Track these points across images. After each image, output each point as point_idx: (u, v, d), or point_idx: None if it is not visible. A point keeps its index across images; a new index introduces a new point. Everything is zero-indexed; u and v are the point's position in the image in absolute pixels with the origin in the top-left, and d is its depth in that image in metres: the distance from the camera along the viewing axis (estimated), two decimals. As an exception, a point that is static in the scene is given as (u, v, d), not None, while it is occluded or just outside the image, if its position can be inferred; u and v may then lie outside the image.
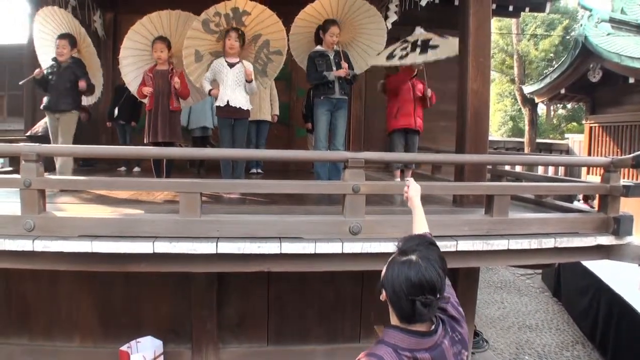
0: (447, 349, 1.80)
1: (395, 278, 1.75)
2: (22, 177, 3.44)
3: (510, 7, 8.34)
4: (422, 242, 1.86)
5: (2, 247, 3.34)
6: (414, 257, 1.76)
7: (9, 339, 5.08)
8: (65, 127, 5.21)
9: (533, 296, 8.32)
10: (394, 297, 1.76)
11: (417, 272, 1.73)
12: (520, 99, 17.67)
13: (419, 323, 1.77)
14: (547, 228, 3.92)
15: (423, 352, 1.75)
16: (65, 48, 5.15)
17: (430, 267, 1.75)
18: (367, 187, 3.62)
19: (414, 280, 1.72)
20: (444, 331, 1.83)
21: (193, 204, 3.46)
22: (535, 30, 22.10)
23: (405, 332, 1.77)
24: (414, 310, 1.72)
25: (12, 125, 11.71)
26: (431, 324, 1.81)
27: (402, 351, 1.74)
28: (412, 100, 5.75)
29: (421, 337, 1.77)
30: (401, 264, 1.76)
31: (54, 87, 5.12)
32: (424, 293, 1.71)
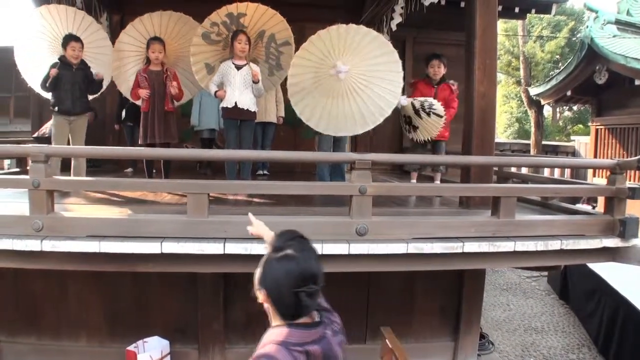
0: (332, 339, 1.84)
1: (276, 275, 1.77)
2: (30, 178, 3.46)
3: (516, 9, 8.30)
4: (293, 237, 1.89)
5: (11, 247, 3.36)
6: (290, 251, 1.79)
7: (17, 337, 5.13)
8: (80, 129, 5.27)
9: (539, 298, 8.29)
10: (276, 295, 1.76)
11: (297, 264, 1.75)
12: (526, 101, 17.62)
13: (300, 318, 1.79)
14: (553, 230, 3.92)
15: (312, 345, 1.77)
16: (81, 51, 5.16)
17: (307, 257, 1.79)
18: (374, 188, 3.62)
19: (295, 272, 1.74)
20: (325, 323, 1.86)
21: (201, 204, 3.48)
22: (541, 31, 22.05)
23: (290, 326, 1.78)
24: (298, 303, 1.74)
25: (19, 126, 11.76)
26: (312, 315, 1.84)
27: (293, 347, 1.74)
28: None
29: (307, 329, 1.79)
30: (279, 260, 1.78)
31: (69, 90, 5.10)
32: (307, 283, 1.74)
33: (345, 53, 4.87)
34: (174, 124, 5.33)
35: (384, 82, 4.86)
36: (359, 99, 4.88)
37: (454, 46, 7.51)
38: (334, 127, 4.98)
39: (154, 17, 5.56)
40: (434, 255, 3.64)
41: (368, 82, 4.87)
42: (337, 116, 4.93)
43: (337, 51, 4.88)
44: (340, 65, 4.82)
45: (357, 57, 4.87)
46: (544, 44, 21.47)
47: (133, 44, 5.57)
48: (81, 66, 5.21)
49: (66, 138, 5.21)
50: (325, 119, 4.96)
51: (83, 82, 5.20)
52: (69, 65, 5.12)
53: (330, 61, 4.90)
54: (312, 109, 4.99)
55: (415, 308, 5.34)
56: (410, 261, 3.68)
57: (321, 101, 4.96)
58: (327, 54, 4.91)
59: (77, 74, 5.15)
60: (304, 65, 4.97)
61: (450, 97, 5.52)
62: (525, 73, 19.02)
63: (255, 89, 5.12)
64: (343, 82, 4.86)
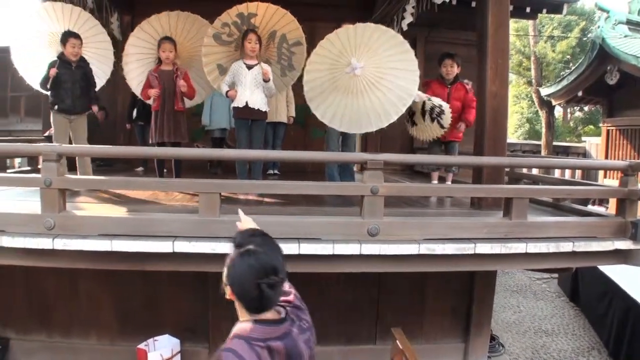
0: (297, 337, 1.88)
1: (239, 270, 1.83)
2: (42, 177, 3.48)
3: (528, 9, 8.26)
4: (255, 234, 1.97)
5: (23, 245, 3.38)
6: (252, 247, 1.85)
7: (28, 335, 5.17)
8: (81, 128, 5.22)
9: (549, 300, 8.24)
10: (240, 289, 1.83)
11: (258, 258, 1.82)
12: (537, 101, 17.53)
13: (267, 311, 1.86)
14: (565, 232, 3.89)
15: (275, 341, 1.81)
16: (80, 48, 5.11)
17: (268, 251, 1.87)
18: (386, 188, 3.61)
19: (256, 265, 1.81)
20: (291, 320, 1.92)
21: (213, 204, 3.48)
22: (552, 31, 21.94)
23: (255, 322, 1.83)
24: (261, 295, 1.80)
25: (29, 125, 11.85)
26: (278, 312, 1.90)
27: (255, 342, 1.79)
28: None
29: (271, 326, 1.84)
30: (241, 256, 1.85)
31: (69, 89, 5.06)
32: (267, 275, 1.79)
33: (359, 50, 4.85)
34: (184, 123, 5.34)
35: (399, 78, 4.83)
36: (379, 93, 4.83)
37: (465, 46, 7.49)
38: (356, 124, 4.94)
39: (164, 17, 5.59)
40: (446, 257, 3.62)
41: (384, 76, 4.84)
42: (358, 113, 4.89)
43: (351, 49, 4.87)
44: (354, 62, 4.81)
45: (372, 53, 4.85)
46: (555, 44, 21.36)
47: (144, 45, 5.61)
48: (81, 64, 5.17)
49: (67, 137, 5.14)
50: (347, 118, 4.93)
51: (83, 80, 5.15)
52: (68, 63, 5.07)
53: (344, 60, 4.89)
54: (333, 111, 4.98)
55: (425, 309, 5.32)
56: (422, 262, 3.66)
57: (340, 101, 4.94)
58: (340, 54, 4.90)
59: (76, 72, 5.11)
60: (319, 70, 4.97)
61: (467, 96, 5.47)
62: (536, 73, 18.91)
63: (266, 88, 5.12)
64: (360, 78, 4.84)
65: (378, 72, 4.84)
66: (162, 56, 5.21)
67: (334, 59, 4.92)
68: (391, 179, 6.35)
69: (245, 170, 5.24)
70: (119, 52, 5.93)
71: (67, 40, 5.02)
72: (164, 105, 5.19)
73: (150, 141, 5.33)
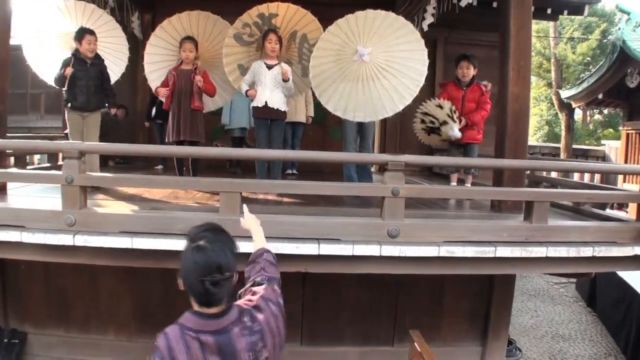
0: (237, 337, 1.90)
1: (186, 264, 1.89)
2: (64, 174, 3.51)
3: (549, 10, 8.17)
4: (209, 228, 2.00)
5: (43, 241, 3.42)
6: (202, 243, 1.90)
7: (45, 330, 5.21)
8: (94, 125, 5.16)
9: (567, 305, 8.16)
10: (187, 283, 1.89)
11: (204, 255, 1.87)
12: (557, 104, 17.34)
13: (214, 306, 1.90)
14: (585, 236, 3.84)
15: (207, 335, 1.86)
16: (96, 44, 5.07)
17: (216, 248, 1.90)
18: (407, 190, 3.59)
19: (201, 262, 1.86)
20: (239, 319, 1.93)
21: (233, 203, 3.48)
22: (572, 33, 21.71)
23: (195, 314, 1.91)
24: (205, 291, 1.86)
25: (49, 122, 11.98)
26: (223, 308, 1.92)
27: (187, 330, 1.87)
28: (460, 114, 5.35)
29: (206, 319, 1.89)
30: (191, 251, 1.90)
31: (83, 87, 5.00)
32: (211, 273, 1.85)
33: (365, 37, 4.84)
34: (201, 122, 5.34)
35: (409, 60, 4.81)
36: (391, 77, 4.82)
37: (486, 47, 7.44)
38: (371, 112, 4.91)
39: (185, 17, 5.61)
40: (466, 259, 3.60)
41: (393, 59, 4.82)
42: (371, 100, 4.87)
43: (355, 38, 4.86)
44: (360, 49, 4.80)
45: (378, 37, 4.83)
46: (575, 45, 21.13)
47: (165, 45, 5.64)
48: (95, 61, 5.12)
49: (81, 134, 5.10)
50: (362, 107, 4.90)
51: (98, 77, 5.10)
52: (83, 60, 5.02)
53: (349, 49, 4.88)
54: (345, 102, 4.96)
55: (444, 312, 5.28)
56: (442, 264, 3.64)
57: (351, 90, 4.92)
58: (345, 43, 4.88)
59: (91, 70, 5.06)
60: (325, 56, 4.95)
61: (481, 98, 5.36)
62: (556, 75, 18.69)
63: (285, 88, 5.12)
64: (369, 64, 4.82)
65: (387, 55, 4.82)
66: (182, 55, 5.21)
67: (342, 45, 4.90)
68: (409, 180, 6.32)
69: (264, 169, 5.25)
70: (139, 51, 5.97)
71: (83, 36, 4.97)
72: (180, 104, 5.19)
73: (167, 140, 5.35)
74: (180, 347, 1.86)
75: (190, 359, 1.86)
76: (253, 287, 2.20)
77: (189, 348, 1.86)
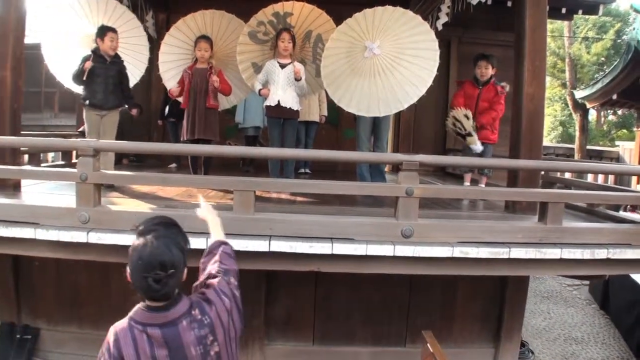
0: (184, 330, 1.93)
1: (132, 259, 1.93)
2: (78, 171, 3.53)
3: (564, 10, 8.14)
4: (161, 222, 2.03)
5: (57, 238, 3.44)
6: (149, 238, 1.93)
7: (58, 326, 5.24)
8: (111, 124, 5.07)
9: (579, 308, 8.08)
10: (132, 277, 1.93)
11: (148, 251, 1.90)
12: (571, 104, 17.16)
13: (159, 301, 1.94)
14: (600, 238, 3.80)
15: (154, 328, 1.90)
16: (118, 42, 4.98)
17: (162, 245, 1.92)
18: (421, 190, 3.58)
19: (144, 259, 1.89)
20: (188, 312, 1.97)
21: (247, 202, 3.50)
22: (586, 33, 21.51)
23: (143, 307, 1.95)
24: (148, 287, 1.89)
25: (63, 120, 12.11)
26: (169, 301, 1.94)
27: (135, 324, 1.92)
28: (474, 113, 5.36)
29: (153, 312, 1.93)
30: (137, 246, 1.93)
31: (102, 84, 4.90)
32: (154, 269, 1.87)
33: (374, 32, 4.84)
34: (216, 121, 5.35)
35: (421, 50, 4.79)
36: (402, 68, 4.81)
37: (500, 47, 7.38)
38: (385, 105, 4.89)
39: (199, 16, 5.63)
40: (480, 260, 3.58)
41: (405, 50, 4.81)
42: (384, 94, 4.86)
43: (365, 33, 4.87)
44: (369, 44, 4.81)
45: (387, 31, 4.83)
46: (589, 45, 20.93)
47: (180, 44, 5.66)
48: (115, 60, 5.03)
49: (98, 132, 5.00)
50: (375, 102, 4.88)
51: (116, 76, 5.01)
52: (103, 58, 4.92)
53: (360, 45, 4.89)
54: (350, 95, 4.96)
55: (456, 313, 5.25)
56: (455, 265, 3.62)
57: (364, 86, 4.92)
58: (356, 37, 4.89)
59: (110, 68, 4.96)
60: (336, 54, 4.97)
61: (495, 98, 5.35)
62: (570, 75, 18.47)
63: (298, 87, 5.13)
64: (380, 57, 4.83)
65: (397, 46, 4.83)
66: (198, 55, 5.23)
67: (350, 47, 4.92)
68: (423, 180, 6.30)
69: (277, 168, 5.26)
70: (154, 50, 5.99)
71: (105, 34, 4.87)
72: (195, 102, 5.21)
73: (182, 138, 5.36)
74: (127, 341, 1.91)
75: (138, 352, 1.90)
76: (207, 280, 2.21)
77: (136, 341, 1.90)
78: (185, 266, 2.02)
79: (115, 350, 1.92)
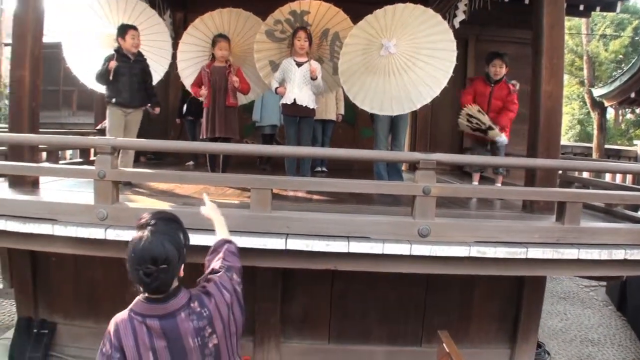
0: (182, 321, 1.97)
1: (128, 252, 1.99)
2: (96, 169, 3.58)
3: (581, 7, 8.05)
4: (161, 217, 2.06)
5: (75, 234, 3.49)
6: (146, 232, 1.98)
7: (76, 320, 5.31)
8: (135, 123, 5.11)
9: (596, 309, 8.00)
10: (129, 269, 1.99)
11: (141, 245, 1.95)
12: (589, 102, 16.91)
13: (153, 293, 1.99)
14: (617, 239, 3.75)
15: (153, 319, 1.96)
16: (139, 39, 4.98)
17: (156, 240, 1.96)
18: (438, 189, 3.57)
19: (137, 253, 1.95)
20: (187, 304, 2.01)
21: (264, 199, 3.51)
22: (604, 30, 21.27)
23: (143, 299, 2.01)
24: (140, 280, 1.95)
25: (81, 118, 12.21)
26: (167, 294, 1.99)
27: (135, 315, 1.98)
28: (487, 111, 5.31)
29: (152, 303, 1.98)
30: (133, 239, 2.00)
31: (127, 83, 4.90)
32: (146, 263, 1.92)
33: (390, 30, 4.82)
34: (235, 119, 5.37)
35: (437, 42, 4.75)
36: (421, 63, 4.78)
37: (517, 44, 7.36)
38: (407, 101, 4.86)
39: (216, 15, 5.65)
40: (497, 260, 3.56)
41: (422, 45, 4.77)
42: (405, 90, 4.83)
43: (382, 31, 4.84)
44: (385, 42, 4.80)
45: (403, 29, 4.80)
46: (607, 43, 20.69)
47: (198, 43, 5.68)
48: (138, 58, 5.05)
49: (122, 131, 5.00)
50: (396, 99, 4.86)
51: (141, 74, 5.03)
52: (126, 56, 4.93)
53: (376, 43, 4.87)
54: (365, 92, 4.95)
55: (473, 313, 5.23)
56: (472, 265, 3.60)
57: (373, 82, 4.91)
58: (374, 35, 4.87)
59: (134, 66, 4.97)
60: (353, 51, 4.95)
61: (508, 97, 5.30)
62: (588, 73, 18.24)
63: (314, 86, 5.13)
64: (397, 55, 4.81)
65: (414, 45, 4.79)
66: (218, 54, 5.23)
67: (367, 44, 4.91)
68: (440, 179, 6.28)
69: (294, 166, 5.27)
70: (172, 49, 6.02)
71: (127, 32, 4.87)
72: (215, 101, 5.23)
73: (202, 137, 5.39)
74: (127, 332, 1.97)
75: (137, 342, 1.95)
76: (209, 275, 2.25)
77: (135, 332, 1.96)
78: (182, 262, 2.06)
79: (116, 340, 1.98)
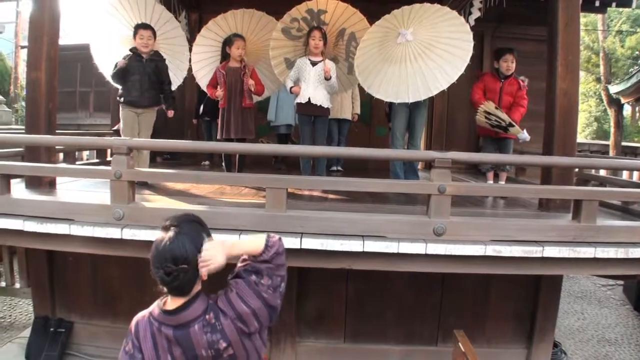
0: (196, 334, 1.97)
1: (151, 252, 2.03)
2: (112, 169, 3.62)
3: (597, 2, 7.96)
4: (185, 220, 2.09)
5: (92, 234, 3.53)
6: (169, 233, 2.02)
7: (93, 320, 5.36)
8: (147, 123, 5.10)
9: (613, 308, 7.91)
10: (152, 268, 2.02)
11: (163, 245, 1.99)
12: (606, 100, 16.71)
13: (174, 295, 2.03)
14: (634, 237, 3.70)
15: (168, 328, 1.99)
16: (150, 39, 4.97)
17: (177, 240, 2.00)
18: (454, 188, 3.55)
19: (159, 252, 1.99)
20: (202, 315, 2.01)
21: (279, 199, 3.53)
22: (620, 26, 20.98)
23: (160, 308, 2.04)
24: (161, 280, 1.99)
25: (98, 119, 12.35)
26: (183, 301, 2.00)
27: (153, 320, 2.03)
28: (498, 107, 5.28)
29: (166, 314, 2.01)
30: (157, 240, 2.04)
31: (137, 82, 4.92)
32: (166, 262, 1.96)
33: (408, 22, 4.86)
34: (251, 119, 5.39)
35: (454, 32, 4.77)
36: (439, 51, 4.78)
37: (533, 41, 7.31)
38: (424, 88, 4.83)
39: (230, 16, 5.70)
40: (513, 259, 3.52)
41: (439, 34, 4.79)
42: (423, 76, 4.82)
43: (400, 23, 4.89)
44: (402, 31, 4.83)
45: (421, 20, 4.84)
46: (624, 39, 20.41)
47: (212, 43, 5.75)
48: (153, 57, 5.03)
49: (135, 131, 5.02)
50: (413, 85, 4.84)
51: (154, 74, 5.00)
52: (139, 55, 4.95)
53: (393, 34, 4.91)
54: (380, 81, 4.95)
55: (489, 312, 5.19)
56: (488, 264, 3.57)
57: (389, 70, 4.91)
58: (391, 27, 4.91)
59: (147, 65, 4.97)
60: (370, 45, 4.98)
61: (518, 93, 5.27)
62: (605, 70, 17.96)
63: (328, 86, 5.14)
64: (413, 43, 4.83)
65: (432, 34, 4.82)
66: (235, 53, 5.22)
67: (383, 36, 4.94)
68: (456, 177, 6.25)
69: (309, 166, 5.29)
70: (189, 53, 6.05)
71: (137, 32, 4.92)
72: (231, 101, 5.24)
73: (218, 137, 5.41)
74: (146, 334, 2.01)
75: (156, 346, 1.99)
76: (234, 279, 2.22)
77: (154, 336, 2.00)
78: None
79: (136, 340, 2.04)
